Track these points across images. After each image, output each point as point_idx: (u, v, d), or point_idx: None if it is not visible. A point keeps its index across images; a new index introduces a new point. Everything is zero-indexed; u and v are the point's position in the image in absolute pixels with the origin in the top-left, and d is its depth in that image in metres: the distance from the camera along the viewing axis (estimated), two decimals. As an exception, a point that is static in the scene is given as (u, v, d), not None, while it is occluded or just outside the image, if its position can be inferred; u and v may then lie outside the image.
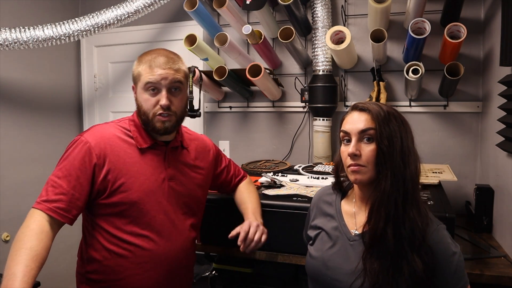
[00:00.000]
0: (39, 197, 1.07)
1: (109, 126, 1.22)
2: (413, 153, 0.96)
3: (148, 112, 1.16)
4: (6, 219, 2.24)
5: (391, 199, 0.91)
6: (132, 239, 1.15)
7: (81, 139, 1.14)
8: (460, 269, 0.94)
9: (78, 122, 2.76)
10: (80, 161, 1.11)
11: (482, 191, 1.66)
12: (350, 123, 0.99)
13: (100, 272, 1.16)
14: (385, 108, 0.98)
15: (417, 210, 0.93)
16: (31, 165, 2.41)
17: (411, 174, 0.93)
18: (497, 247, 1.51)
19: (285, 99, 2.31)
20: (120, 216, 1.15)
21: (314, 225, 1.12)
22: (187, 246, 1.25)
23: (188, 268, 1.30)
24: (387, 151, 0.92)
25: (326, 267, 1.02)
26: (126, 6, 2.07)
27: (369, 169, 0.95)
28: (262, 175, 1.71)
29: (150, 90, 1.16)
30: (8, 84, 2.27)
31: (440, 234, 0.95)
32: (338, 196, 1.12)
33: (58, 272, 2.41)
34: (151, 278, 1.17)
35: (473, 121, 1.99)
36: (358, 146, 0.96)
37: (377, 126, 0.94)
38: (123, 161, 1.15)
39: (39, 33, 1.96)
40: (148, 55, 1.19)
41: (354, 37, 2.10)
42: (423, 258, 0.90)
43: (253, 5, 1.90)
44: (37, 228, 1.01)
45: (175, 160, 1.25)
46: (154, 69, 1.14)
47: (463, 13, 1.90)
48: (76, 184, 1.09)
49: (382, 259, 0.91)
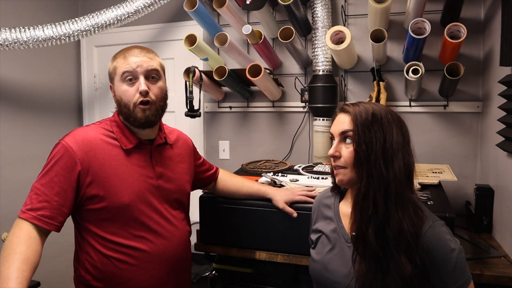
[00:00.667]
0: (24, 205, 1.06)
1: (90, 128, 1.19)
2: (400, 153, 0.93)
3: (129, 104, 1.14)
4: (6, 219, 2.24)
5: (366, 200, 0.91)
6: (128, 242, 1.13)
7: (62, 144, 1.11)
8: (460, 266, 0.92)
9: (78, 122, 2.76)
10: (63, 167, 1.08)
11: (482, 191, 1.66)
12: (334, 124, 1.01)
13: (101, 278, 1.14)
14: (371, 110, 0.96)
15: (405, 211, 0.91)
16: (31, 165, 2.40)
17: (394, 175, 0.91)
18: (497, 247, 1.51)
19: (285, 99, 2.31)
20: (113, 221, 1.13)
21: (315, 229, 1.13)
22: (184, 240, 1.26)
23: (187, 261, 1.31)
24: (364, 152, 0.92)
25: (327, 269, 1.02)
26: (126, 6, 2.07)
27: (349, 170, 0.96)
28: (262, 175, 1.71)
29: (128, 81, 1.15)
30: (8, 84, 2.27)
31: (437, 231, 0.93)
32: (337, 198, 1.12)
33: (58, 272, 2.41)
34: (154, 277, 1.16)
35: (473, 121, 1.98)
36: (338, 147, 0.98)
37: (355, 128, 0.94)
38: (108, 165, 1.13)
39: (39, 33, 1.96)
40: (121, 51, 1.20)
41: (354, 37, 2.10)
42: (414, 258, 0.88)
43: (253, 5, 1.90)
44: (24, 235, 1.01)
45: (161, 157, 1.24)
46: (128, 58, 1.15)
47: (463, 13, 1.90)
48: (60, 191, 1.07)
49: (368, 260, 0.91)
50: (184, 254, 1.27)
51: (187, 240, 1.29)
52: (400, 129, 0.96)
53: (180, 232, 1.24)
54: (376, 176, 0.91)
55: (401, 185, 0.92)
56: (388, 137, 0.94)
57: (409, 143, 0.97)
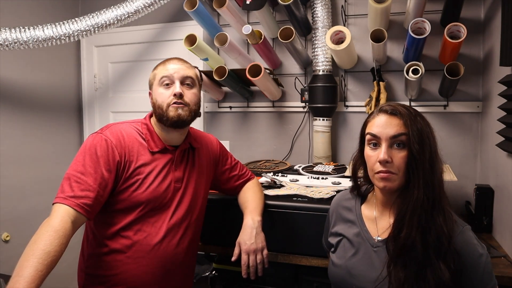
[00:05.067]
0: (62, 192, 1.06)
1: (125, 125, 1.24)
2: (439, 156, 0.93)
3: (163, 104, 1.20)
4: (6, 219, 2.24)
5: (424, 208, 0.89)
6: (131, 235, 1.17)
7: (102, 137, 1.16)
8: (488, 271, 0.91)
9: (78, 122, 2.76)
10: (105, 159, 1.12)
11: (482, 191, 1.66)
12: (379, 126, 0.94)
13: (97, 267, 1.18)
14: (412, 110, 0.94)
15: (443, 216, 0.90)
16: (31, 165, 2.41)
17: (438, 179, 0.91)
18: (497, 247, 1.52)
19: (285, 99, 2.31)
20: (125, 213, 1.17)
21: (335, 232, 1.09)
22: (185, 243, 1.26)
23: (188, 266, 1.31)
24: (418, 157, 0.89)
25: (350, 275, 0.99)
26: (126, 6, 2.08)
27: (400, 176, 0.92)
28: (262, 175, 1.71)
29: (165, 85, 1.22)
30: (8, 84, 2.27)
31: (466, 236, 0.92)
32: (358, 200, 1.09)
33: (59, 271, 2.40)
34: (147, 274, 1.18)
35: (473, 121, 1.99)
36: (389, 152, 0.92)
37: (409, 131, 0.91)
38: (137, 161, 1.19)
39: (39, 33, 1.96)
40: (162, 61, 1.28)
41: (354, 37, 2.10)
42: (449, 264, 0.87)
43: (253, 5, 1.91)
44: (59, 227, 0.98)
45: (182, 162, 1.28)
46: (167, 65, 1.24)
47: (463, 13, 1.90)
48: (102, 182, 1.10)
49: (408, 268, 0.88)
50: (187, 259, 1.28)
51: (191, 245, 1.29)
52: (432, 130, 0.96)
53: (183, 235, 1.25)
54: (428, 181, 0.90)
55: (442, 189, 0.92)
56: (432, 139, 0.93)
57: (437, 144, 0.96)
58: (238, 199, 1.45)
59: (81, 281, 1.22)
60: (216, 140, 1.47)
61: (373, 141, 0.95)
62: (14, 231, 2.27)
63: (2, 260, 2.16)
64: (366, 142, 0.97)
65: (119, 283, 1.17)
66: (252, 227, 1.28)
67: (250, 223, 1.29)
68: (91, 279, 1.19)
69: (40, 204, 2.40)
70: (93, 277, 1.19)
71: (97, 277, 1.18)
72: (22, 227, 2.30)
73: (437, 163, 0.92)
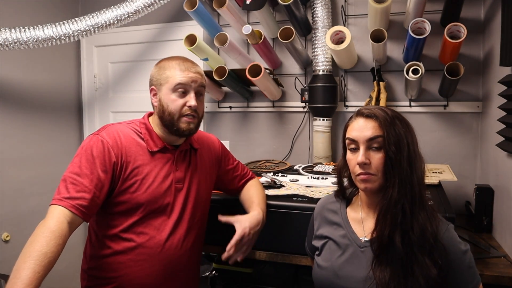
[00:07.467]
0: (58, 194, 1.06)
1: (123, 126, 1.23)
2: (418, 156, 0.95)
3: (175, 113, 1.18)
4: (6, 219, 2.24)
5: (398, 206, 0.91)
6: (134, 237, 1.16)
7: (98, 138, 1.15)
8: (472, 267, 0.94)
9: (78, 122, 2.76)
10: (101, 160, 1.11)
11: (482, 191, 1.66)
12: (356, 130, 0.96)
13: (100, 268, 1.17)
14: (390, 113, 0.96)
15: (426, 213, 0.92)
16: (31, 165, 2.41)
17: (418, 178, 0.93)
18: (497, 247, 1.51)
19: (285, 99, 2.31)
20: (126, 215, 1.16)
21: (320, 235, 1.10)
22: (188, 245, 1.25)
23: (191, 269, 1.30)
24: (394, 158, 0.92)
25: (337, 276, 1.00)
26: (126, 6, 2.08)
27: (379, 177, 0.94)
28: (262, 175, 1.71)
29: (179, 92, 1.19)
30: (8, 84, 2.27)
31: (451, 234, 0.95)
32: (343, 203, 1.11)
33: (59, 271, 2.40)
34: (150, 276, 1.17)
35: (473, 121, 1.99)
36: (367, 154, 0.94)
37: (385, 133, 0.93)
38: (135, 162, 1.17)
39: (39, 33, 1.96)
40: (172, 61, 1.22)
41: (354, 37, 2.10)
42: (436, 260, 0.89)
43: (253, 5, 1.91)
44: (55, 228, 0.98)
45: (183, 163, 1.27)
46: (185, 71, 1.19)
47: (463, 13, 1.90)
48: (98, 183, 1.09)
49: (391, 266, 0.90)
50: (190, 261, 1.27)
51: (195, 247, 1.28)
52: (412, 131, 0.97)
53: (185, 237, 1.24)
54: (404, 181, 0.91)
55: (422, 187, 0.94)
56: (409, 140, 0.94)
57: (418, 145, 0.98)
58: (241, 196, 1.44)
59: (83, 282, 1.22)
60: (218, 141, 1.47)
61: (352, 146, 0.98)
62: (14, 231, 2.27)
63: (2, 260, 2.16)
64: (347, 146, 1.00)
65: (121, 285, 1.16)
66: (259, 222, 1.27)
67: (259, 217, 1.27)
68: (94, 280, 1.19)
69: (40, 204, 2.40)
70: (96, 279, 1.18)
71: (100, 278, 1.18)
72: (22, 227, 2.30)
73: (417, 163, 0.94)
